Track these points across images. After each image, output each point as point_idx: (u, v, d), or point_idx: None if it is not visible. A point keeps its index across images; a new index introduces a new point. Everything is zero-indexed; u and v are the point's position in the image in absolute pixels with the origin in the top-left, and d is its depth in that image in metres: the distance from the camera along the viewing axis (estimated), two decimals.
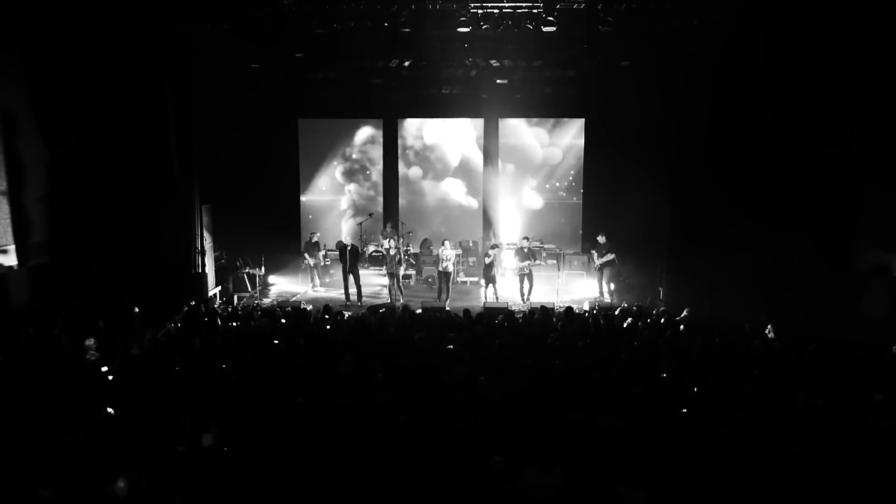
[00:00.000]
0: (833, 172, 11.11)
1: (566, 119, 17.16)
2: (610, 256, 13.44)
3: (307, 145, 17.61)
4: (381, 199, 17.81)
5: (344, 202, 18.03)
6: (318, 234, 15.45)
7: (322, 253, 15.07)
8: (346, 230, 17.44)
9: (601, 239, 13.58)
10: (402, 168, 17.76)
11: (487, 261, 13.12)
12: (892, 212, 10.14)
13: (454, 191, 17.76)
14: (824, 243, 11.38)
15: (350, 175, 17.94)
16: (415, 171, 17.80)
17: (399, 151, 17.65)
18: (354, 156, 17.88)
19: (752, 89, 11.32)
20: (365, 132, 17.76)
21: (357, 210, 17.83)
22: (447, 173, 17.75)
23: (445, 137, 17.64)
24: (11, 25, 10.46)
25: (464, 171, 17.70)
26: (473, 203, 17.65)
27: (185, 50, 12.14)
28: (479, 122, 17.20)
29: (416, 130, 17.68)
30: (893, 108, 9.87)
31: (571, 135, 17.25)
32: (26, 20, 10.57)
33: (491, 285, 13.19)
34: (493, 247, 13.45)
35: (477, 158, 17.48)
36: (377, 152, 17.73)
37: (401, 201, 17.79)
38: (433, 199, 17.84)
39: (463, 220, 17.57)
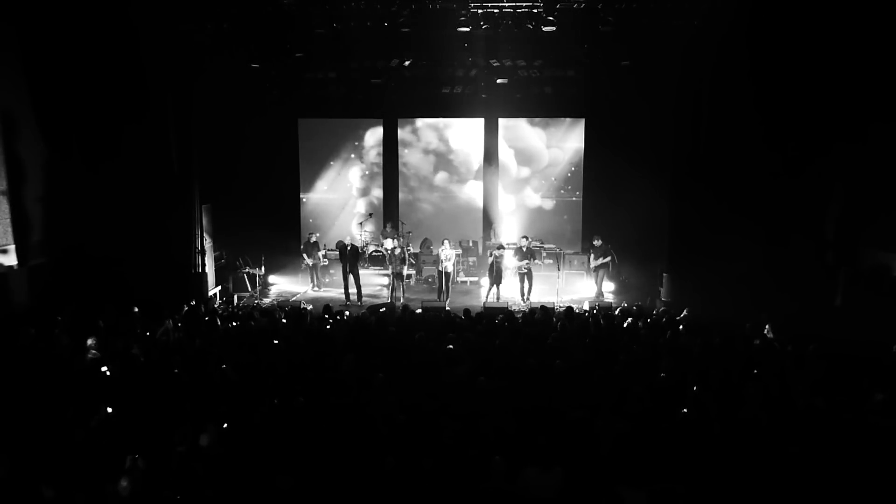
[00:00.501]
0: (833, 171, 11.13)
1: (566, 119, 17.17)
2: (605, 260, 13.42)
3: (312, 145, 17.52)
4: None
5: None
6: (318, 235, 15.46)
7: (321, 253, 15.07)
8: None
9: (597, 242, 13.54)
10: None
11: (490, 260, 13.10)
12: (892, 212, 10.14)
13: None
14: (824, 242, 11.39)
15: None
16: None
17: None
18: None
19: (751, 88, 11.34)
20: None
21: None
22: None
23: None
24: (11, 28, 10.46)
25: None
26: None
27: (185, 50, 12.14)
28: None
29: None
30: (893, 107, 9.88)
31: (571, 135, 17.25)
32: (26, 22, 10.58)
33: (495, 286, 13.18)
34: (500, 247, 13.44)
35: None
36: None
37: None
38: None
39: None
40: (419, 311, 11.21)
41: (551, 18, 11.42)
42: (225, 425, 5.93)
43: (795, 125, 11.32)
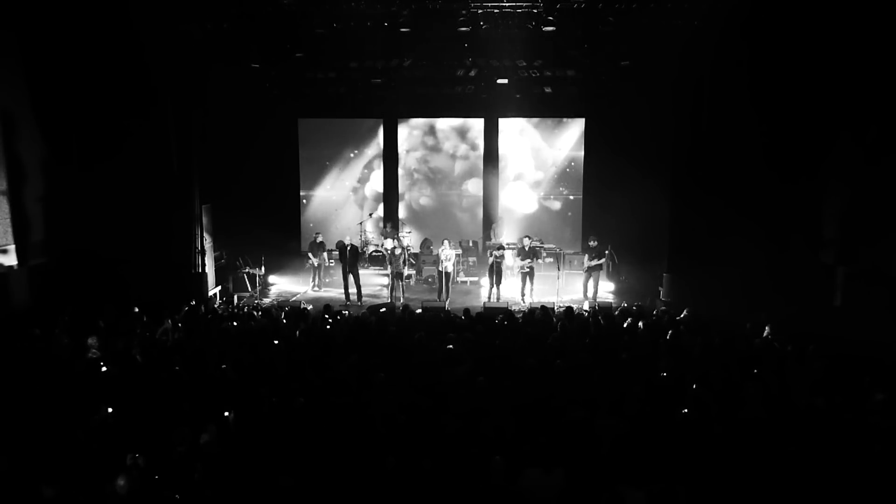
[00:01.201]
0: (832, 171, 11.13)
1: (566, 118, 17.17)
2: (598, 261, 13.38)
3: (312, 145, 17.54)
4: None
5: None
6: (321, 235, 15.47)
7: (325, 254, 15.07)
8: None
9: (592, 242, 13.50)
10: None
11: (490, 261, 13.10)
12: (891, 212, 10.14)
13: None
14: (823, 242, 11.38)
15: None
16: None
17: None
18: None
19: (751, 89, 11.34)
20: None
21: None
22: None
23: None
24: (12, 34, 10.47)
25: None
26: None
27: (185, 50, 12.14)
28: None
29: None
30: (894, 107, 9.88)
31: (571, 134, 17.26)
32: (26, 23, 10.58)
33: (496, 286, 13.17)
34: (500, 248, 13.43)
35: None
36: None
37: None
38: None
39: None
40: (419, 311, 11.20)
41: (551, 18, 11.40)
42: (225, 424, 5.93)
43: (795, 125, 11.32)
